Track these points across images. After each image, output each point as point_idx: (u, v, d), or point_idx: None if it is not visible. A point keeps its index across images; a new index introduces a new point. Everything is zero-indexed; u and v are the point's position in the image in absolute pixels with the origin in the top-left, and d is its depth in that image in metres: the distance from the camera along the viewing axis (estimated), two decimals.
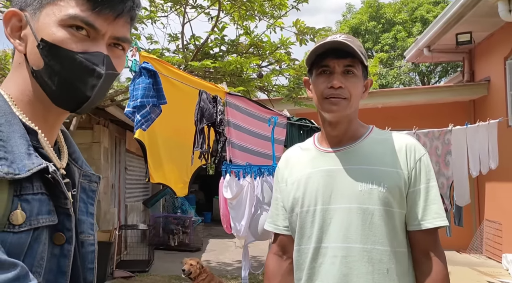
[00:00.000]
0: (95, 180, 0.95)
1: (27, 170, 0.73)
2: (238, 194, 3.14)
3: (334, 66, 1.41)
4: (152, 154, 2.73)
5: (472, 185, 7.78)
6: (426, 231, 1.40)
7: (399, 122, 7.94)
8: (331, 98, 1.41)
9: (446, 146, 4.53)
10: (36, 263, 0.74)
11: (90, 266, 0.89)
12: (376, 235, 1.38)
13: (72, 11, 0.77)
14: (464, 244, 7.97)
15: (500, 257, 6.95)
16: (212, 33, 5.22)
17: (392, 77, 18.03)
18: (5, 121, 0.75)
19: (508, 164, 6.48)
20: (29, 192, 0.74)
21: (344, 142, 1.49)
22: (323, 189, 1.45)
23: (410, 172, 1.42)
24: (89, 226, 0.90)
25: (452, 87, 8.64)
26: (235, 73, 4.76)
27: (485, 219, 7.90)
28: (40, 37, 0.77)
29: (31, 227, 0.73)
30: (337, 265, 1.40)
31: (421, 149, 1.47)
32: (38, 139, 0.80)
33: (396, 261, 1.39)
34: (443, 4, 18.25)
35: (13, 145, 0.74)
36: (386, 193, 1.39)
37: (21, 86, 0.81)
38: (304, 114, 6.34)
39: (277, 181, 1.63)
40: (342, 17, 21.09)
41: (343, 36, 1.43)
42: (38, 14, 0.78)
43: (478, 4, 6.28)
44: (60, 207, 0.79)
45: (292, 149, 1.66)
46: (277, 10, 5.66)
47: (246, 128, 3.44)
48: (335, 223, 1.42)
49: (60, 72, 0.77)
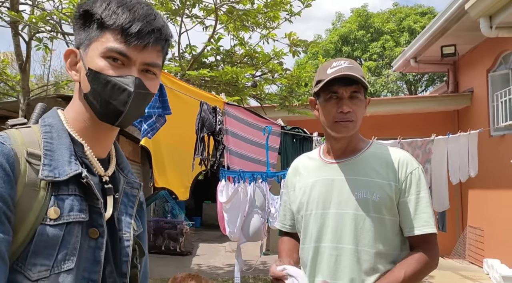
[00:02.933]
0: (137, 187, 1.10)
1: (65, 174, 0.90)
2: (232, 198, 3.33)
3: (342, 92, 1.59)
4: (156, 160, 2.90)
5: (456, 192, 8.03)
6: (417, 237, 1.58)
7: (386, 130, 8.20)
8: (341, 121, 1.59)
9: (426, 155, 4.77)
10: (69, 252, 0.88)
11: (125, 259, 1.01)
12: (366, 238, 1.57)
13: (109, 45, 0.94)
14: (447, 249, 8.16)
15: (481, 262, 7.17)
16: (209, 44, 5.41)
17: (380, 86, 18.35)
18: (57, 136, 0.95)
19: (490, 173, 6.72)
20: (65, 193, 0.90)
21: (346, 155, 1.68)
22: (324, 195, 1.64)
23: (401, 184, 1.60)
24: (126, 225, 1.03)
25: (437, 97, 8.91)
26: (231, 83, 4.96)
27: (468, 225, 8.10)
28: (87, 66, 0.96)
29: (64, 221, 0.88)
30: (332, 263, 1.59)
31: (413, 163, 1.64)
32: (84, 151, 0.98)
33: (383, 262, 1.57)
34: (429, 15, 18.64)
35: (59, 155, 0.92)
36: (378, 202, 1.57)
37: (76, 108, 1.01)
38: (296, 121, 6.55)
39: (286, 186, 1.84)
40: (332, 25, 21.38)
41: (347, 63, 1.61)
42: (87, 50, 0.97)
43: (461, 19, 6.55)
44: (94, 207, 0.93)
45: (300, 159, 1.85)
46: (270, 22, 5.86)
47: (242, 136, 3.64)
48: (332, 226, 1.61)
49: (101, 93, 0.94)
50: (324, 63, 1.72)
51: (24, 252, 0.84)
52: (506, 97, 6.47)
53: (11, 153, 0.86)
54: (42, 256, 0.85)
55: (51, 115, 1.00)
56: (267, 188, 3.42)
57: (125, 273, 1.00)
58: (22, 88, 4.96)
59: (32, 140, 0.92)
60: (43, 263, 0.85)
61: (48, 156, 0.90)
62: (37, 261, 0.84)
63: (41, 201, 0.87)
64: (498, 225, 6.93)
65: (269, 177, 3.45)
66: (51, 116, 1.00)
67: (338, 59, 1.66)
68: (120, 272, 0.99)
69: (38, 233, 0.85)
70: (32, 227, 0.85)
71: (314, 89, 1.68)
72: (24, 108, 4.95)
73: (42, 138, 0.93)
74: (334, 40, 18.92)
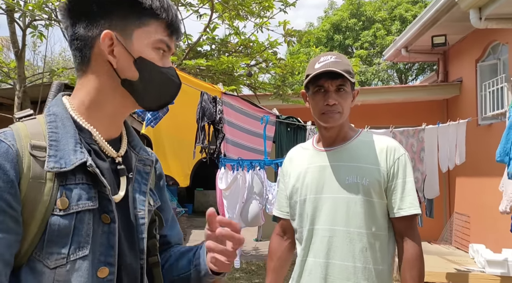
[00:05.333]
0: (149, 164, 1.09)
1: (71, 164, 0.90)
2: (231, 185, 3.44)
3: (328, 86, 1.71)
4: (157, 149, 3.00)
5: (444, 179, 8.21)
6: (402, 218, 1.72)
7: (377, 119, 8.33)
8: (328, 113, 1.72)
9: (420, 143, 4.92)
10: (83, 239, 0.89)
11: (141, 236, 1.02)
12: (357, 220, 1.70)
13: (161, 37, 0.99)
14: (435, 235, 8.35)
15: (467, 247, 7.36)
16: (205, 34, 5.46)
17: (371, 74, 18.47)
18: (61, 124, 0.94)
19: (476, 161, 6.90)
20: (72, 182, 0.90)
21: (336, 143, 1.81)
22: (316, 181, 1.77)
23: (389, 169, 1.73)
24: (141, 203, 1.03)
25: (427, 87, 9.04)
26: (226, 72, 5.03)
27: (455, 212, 8.29)
28: (137, 55, 0.96)
29: (73, 211, 0.88)
30: (325, 243, 1.72)
31: (400, 150, 1.77)
32: (93, 137, 0.98)
33: (374, 241, 1.71)
34: (421, 4, 18.71)
35: (64, 144, 0.91)
36: (367, 186, 1.70)
37: (92, 93, 0.98)
38: (290, 110, 6.64)
39: (282, 175, 1.95)
40: (324, 13, 21.37)
41: (334, 57, 1.73)
42: (132, 38, 0.96)
43: (451, 10, 6.64)
44: (102, 193, 0.94)
45: (295, 149, 1.98)
46: (264, 11, 5.91)
47: (239, 125, 3.73)
48: (325, 209, 1.73)
49: (153, 82, 0.98)
50: (314, 57, 1.84)
51: (40, 242, 0.86)
52: (494, 87, 6.63)
53: (9, 150, 0.85)
54: (57, 245, 0.87)
55: (55, 103, 0.99)
56: (264, 176, 3.54)
57: (142, 250, 1.02)
58: (18, 76, 4.98)
59: (37, 132, 0.92)
60: (59, 251, 0.87)
61: (53, 147, 0.90)
62: (53, 250, 0.87)
63: (48, 192, 0.87)
64: (483, 212, 7.13)
65: (266, 165, 3.57)
66: (55, 105, 0.98)
67: (327, 53, 1.78)
68: (138, 249, 1.01)
69: (50, 224, 0.86)
70: (43, 219, 0.86)
71: (304, 83, 1.80)
72: (21, 95, 4.97)
73: (47, 128, 0.93)
74: (326, 28, 18.93)
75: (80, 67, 0.99)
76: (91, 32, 0.96)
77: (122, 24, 0.96)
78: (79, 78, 1.01)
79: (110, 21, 0.96)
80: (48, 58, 17.48)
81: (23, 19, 5.14)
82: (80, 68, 1.00)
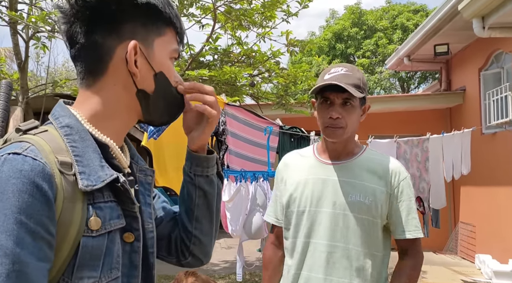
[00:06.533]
0: (150, 174, 1.04)
1: (101, 181, 0.82)
2: (234, 197, 3.40)
3: (334, 98, 1.68)
4: (158, 160, 2.97)
5: (449, 189, 8.15)
6: (408, 240, 1.72)
7: (380, 128, 8.31)
8: (330, 127, 1.69)
9: (425, 153, 4.88)
10: (114, 260, 0.84)
11: (151, 250, 0.97)
12: (356, 238, 1.68)
13: (175, 46, 0.95)
14: (440, 245, 8.29)
15: (473, 257, 7.30)
16: (208, 44, 5.46)
17: (373, 83, 18.49)
18: (79, 138, 0.85)
19: (481, 170, 6.85)
20: (101, 200, 0.83)
21: (342, 157, 1.77)
22: (317, 193, 1.73)
23: (393, 190, 1.71)
24: (148, 215, 0.98)
25: (430, 96, 9.03)
26: (229, 82, 5.01)
27: (460, 222, 8.23)
28: (159, 69, 0.92)
29: (106, 230, 0.82)
30: (323, 259, 1.69)
31: (404, 172, 1.76)
32: (110, 151, 0.90)
33: (371, 261, 1.69)
34: (422, 13, 18.78)
35: (88, 159, 0.83)
36: (370, 205, 1.68)
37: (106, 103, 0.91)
38: (293, 119, 6.62)
39: (277, 181, 1.91)
40: (326, 22, 21.46)
41: (344, 70, 1.69)
42: (153, 47, 0.91)
43: (454, 19, 6.65)
44: (128, 211, 0.88)
45: (291, 155, 1.93)
46: (266, 21, 5.92)
47: (242, 136, 3.71)
48: (324, 224, 1.70)
49: (164, 99, 0.95)
50: (316, 66, 1.84)
51: (69, 266, 0.79)
52: (497, 96, 6.60)
53: (45, 169, 0.76)
54: (88, 268, 0.81)
55: (65, 114, 0.88)
56: (268, 187, 3.50)
57: (152, 264, 0.98)
58: (21, 87, 4.99)
59: (58, 147, 0.82)
60: (90, 275, 0.81)
61: (79, 163, 0.82)
62: (84, 274, 0.80)
63: (79, 212, 0.80)
64: (489, 221, 7.07)
65: (270, 176, 3.53)
66: (66, 115, 0.88)
67: (338, 65, 1.74)
68: (148, 263, 0.96)
69: (82, 246, 0.79)
70: (74, 241, 0.79)
71: (309, 92, 1.81)
72: (23, 106, 4.98)
73: (66, 142, 0.84)
74: (327, 37, 18.99)
75: (91, 77, 0.91)
76: (113, 42, 0.89)
77: (144, 33, 0.90)
78: (87, 88, 0.92)
79: (133, 29, 0.89)
80: (51, 69, 17.58)
81: (26, 31, 5.16)
82: (90, 78, 0.91)
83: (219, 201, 1.13)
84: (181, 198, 1.11)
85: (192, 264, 1.14)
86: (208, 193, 1.08)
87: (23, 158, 0.75)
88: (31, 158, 0.76)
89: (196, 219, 1.08)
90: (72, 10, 0.89)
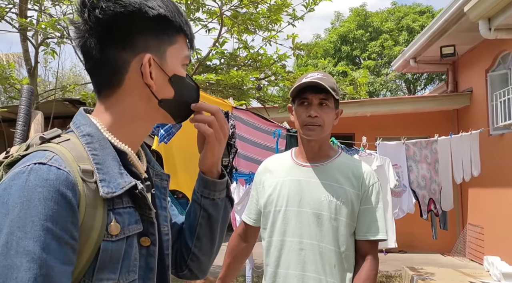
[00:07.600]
0: (165, 178, 1.08)
1: (120, 188, 0.86)
2: (243, 200, 3.43)
3: (311, 99, 1.80)
4: (168, 164, 3.01)
5: (456, 191, 8.13)
6: (369, 241, 1.80)
7: (387, 130, 8.31)
8: (309, 125, 1.79)
9: (434, 155, 4.88)
10: (132, 263, 0.88)
11: (167, 252, 1.02)
12: (328, 236, 1.77)
13: (186, 53, 0.99)
14: (448, 247, 8.25)
15: (481, 259, 7.27)
16: (214, 48, 5.50)
17: (379, 84, 18.47)
18: (99, 146, 0.89)
19: (489, 171, 6.82)
20: (120, 206, 0.87)
21: (317, 160, 1.87)
22: (294, 194, 1.82)
23: (363, 193, 1.81)
24: (163, 219, 1.02)
25: (436, 97, 9.00)
26: (236, 86, 5.05)
27: (468, 223, 8.19)
28: (172, 73, 0.95)
29: (125, 235, 0.87)
30: (295, 256, 1.78)
31: (375, 177, 1.87)
32: (128, 158, 0.94)
33: (343, 260, 1.78)
34: (428, 14, 18.75)
35: (108, 167, 0.87)
36: (342, 206, 1.78)
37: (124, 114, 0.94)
38: None
39: (255, 183, 2.01)
40: (331, 24, 21.47)
41: (320, 74, 1.83)
42: (165, 56, 0.95)
43: (460, 20, 6.65)
44: (145, 216, 0.92)
45: (271, 158, 2.05)
46: (272, 24, 5.95)
47: (250, 139, 3.74)
48: (299, 223, 1.80)
49: (184, 95, 0.99)
50: (304, 73, 1.94)
51: (90, 268, 0.83)
52: (505, 97, 6.58)
53: (69, 178, 0.80)
54: (107, 270, 0.85)
55: (86, 123, 0.92)
56: None
57: (168, 266, 1.02)
58: None
59: (80, 155, 0.86)
60: (109, 277, 0.85)
61: (100, 170, 0.86)
62: (103, 276, 0.84)
63: (100, 218, 0.84)
64: (497, 223, 7.04)
65: None
66: (86, 124, 0.92)
67: (315, 71, 1.89)
68: (164, 265, 1.00)
69: (102, 250, 0.84)
70: (95, 245, 0.84)
71: (289, 94, 1.89)
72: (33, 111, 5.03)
73: (87, 150, 0.88)
74: (333, 40, 19.01)
75: (108, 89, 0.94)
76: (127, 56, 0.91)
77: (156, 43, 0.93)
78: (105, 98, 0.95)
79: (146, 41, 0.92)
80: (60, 74, 17.74)
81: (36, 37, 5.23)
82: (107, 90, 0.94)
83: (224, 224, 1.15)
84: (187, 213, 1.15)
85: (188, 277, 1.18)
86: (212, 216, 1.10)
87: (48, 167, 0.79)
88: (56, 168, 0.80)
89: (197, 237, 1.11)
90: (85, 25, 0.91)
